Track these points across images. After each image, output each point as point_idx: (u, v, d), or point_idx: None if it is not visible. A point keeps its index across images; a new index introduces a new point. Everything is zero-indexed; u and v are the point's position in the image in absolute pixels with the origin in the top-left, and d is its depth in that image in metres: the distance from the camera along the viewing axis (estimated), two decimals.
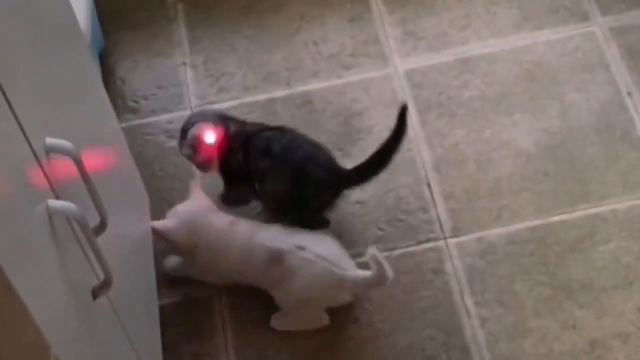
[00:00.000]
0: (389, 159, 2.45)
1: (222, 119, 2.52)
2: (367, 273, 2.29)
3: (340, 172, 2.47)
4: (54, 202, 1.56)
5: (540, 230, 2.54)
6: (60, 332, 1.54)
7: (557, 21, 2.92)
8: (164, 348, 2.37)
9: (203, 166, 2.53)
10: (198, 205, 2.44)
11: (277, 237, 2.35)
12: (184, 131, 2.52)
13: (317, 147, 2.49)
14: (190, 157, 2.53)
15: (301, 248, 2.30)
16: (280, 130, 2.51)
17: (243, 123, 2.55)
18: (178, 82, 2.90)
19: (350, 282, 2.31)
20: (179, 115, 2.78)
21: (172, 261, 2.51)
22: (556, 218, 2.55)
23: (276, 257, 2.31)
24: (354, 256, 2.43)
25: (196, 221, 2.40)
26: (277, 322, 2.42)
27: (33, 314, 1.38)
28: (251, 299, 2.44)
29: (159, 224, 2.41)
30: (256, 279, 2.38)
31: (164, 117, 2.84)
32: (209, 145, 2.48)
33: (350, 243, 2.51)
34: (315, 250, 2.30)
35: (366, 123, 2.76)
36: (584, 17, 2.92)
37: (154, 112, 2.84)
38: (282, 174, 2.44)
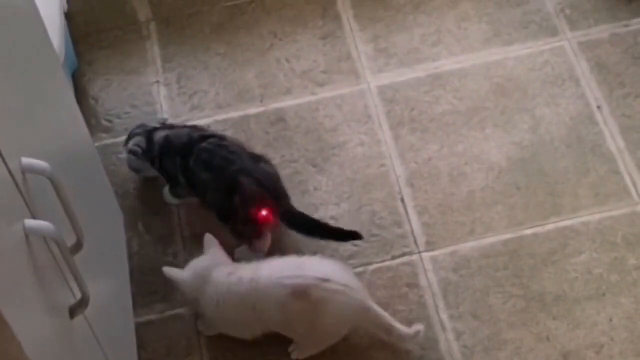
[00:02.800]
0: (317, 234, 2.49)
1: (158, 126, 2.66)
2: (379, 309, 2.31)
3: (272, 190, 2.49)
4: (30, 222, 1.56)
5: (513, 243, 2.56)
6: (39, 350, 1.54)
7: (526, 36, 2.95)
8: None
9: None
10: (209, 261, 2.38)
11: (293, 273, 2.28)
12: (128, 138, 2.67)
13: (257, 159, 2.53)
14: (131, 166, 2.67)
15: (324, 280, 2.25)
16: (220, 138, 2.56)
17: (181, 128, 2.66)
18: (151, 101, 2.90)
19: (372, 312, 2.31)
20: None
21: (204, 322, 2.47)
22: (529, 231, 2.58)
23: (300, 293, 2.24)
24: None
25: (202, 277, 2.35)
26: (298, 353, 2.39)
27: (15, 331, 1.38)
28: None
29: (173, 272, 2.37)
30: (273, 321, 2.32)
31: None
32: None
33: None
34: (339, 279, 2.27)
35: (339, 139, 2.77)
36: (553, 32, 2.95)
37: (127, 131, 2.83)
38: (219, 185, 2.47)
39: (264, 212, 2.45)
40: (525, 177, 2.66)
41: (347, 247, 2.56)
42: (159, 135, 2.60)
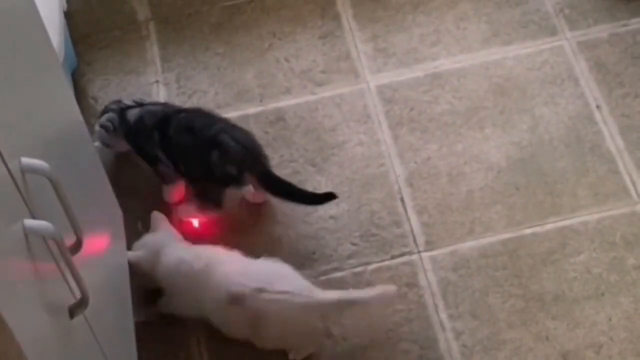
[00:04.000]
0: (292, 198, 2.54)
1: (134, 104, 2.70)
2: (333, 295, 2.31)
3: (251, 149, 2.54)
4: (30, 222, 1.56)
5: (513, 243, 2.56)
6: (39, 351, 1.55)
7: (525, 36, 2.95)
8: None
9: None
10: (162, 236, 2.47)
11: (235, 278, 2.32)
12: (102, 113, 2.71)
13: (234, 125, 2.60)
14: (102, 141, 2.70)
15: (260, 290, 2.28)
16: (197, 111, 2.64)
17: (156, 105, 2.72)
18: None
19: (328, 303, 2.31)
20: None
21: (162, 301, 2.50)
22: (528, 231, 2.58)
23: (235, 300, 2.29)
24: (328, 272, 2.46)
25: (155, 251, 2.43)
26: (296, 354, 2.40)
27: (14, 331, 1.38)
28: None
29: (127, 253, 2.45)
30: (211, 313, 2.37)
31: None
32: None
33: (324, 258, 2.53)
34: (274, 287, 2.29)
35: (339, 139, 2.77)
36: (553, 32, 2.95)
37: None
38: (198, 145, 2.52)
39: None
40: (524, 177, 2.67)
41: (346, 247, 2.57)
42: (133, 113, 2.64)
